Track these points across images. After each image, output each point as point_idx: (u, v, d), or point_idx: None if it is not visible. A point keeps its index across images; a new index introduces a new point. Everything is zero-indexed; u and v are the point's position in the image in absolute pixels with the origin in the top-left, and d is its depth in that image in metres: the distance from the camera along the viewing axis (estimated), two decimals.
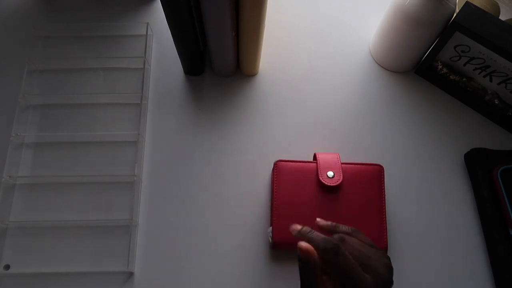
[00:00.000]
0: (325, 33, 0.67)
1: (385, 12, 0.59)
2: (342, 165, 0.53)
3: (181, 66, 0.62)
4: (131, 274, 0.51)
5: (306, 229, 0.40)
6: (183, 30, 0.52)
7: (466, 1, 0.53)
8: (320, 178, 0.51)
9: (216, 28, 0.51)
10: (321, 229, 0.42)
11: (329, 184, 0.51)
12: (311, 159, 0.56)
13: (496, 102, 0.58)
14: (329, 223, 0.43)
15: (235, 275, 0.51)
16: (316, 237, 0.39)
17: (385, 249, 0.50)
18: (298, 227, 0.41)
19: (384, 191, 0.52)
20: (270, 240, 0.50)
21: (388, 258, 0.40)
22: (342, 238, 0.39)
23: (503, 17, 0.59)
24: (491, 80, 0.56)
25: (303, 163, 0.53)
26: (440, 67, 0.60)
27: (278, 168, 0.52)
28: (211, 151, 0.58)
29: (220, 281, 0.51)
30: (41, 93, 0.61)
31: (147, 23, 0.63)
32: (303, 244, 0.38)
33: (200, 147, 0.58)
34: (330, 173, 0.51)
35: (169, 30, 0.53)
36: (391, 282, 0.38)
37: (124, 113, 0.60)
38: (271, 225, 0.50)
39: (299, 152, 0.57)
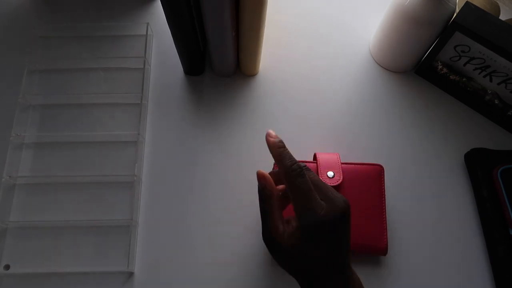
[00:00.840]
0: (325, 33, 0.67)
1: (385, 12, 0.59)
2: (342, 165, 0.53)
3: (181, 66, 0.62)
4: (131, 274, 0.51)
5: (281, 143, 0.40)
6: (183, 30, 0.52)
7: (466, 1, 0.53)
8: (320, 178, 0.51)
9: (216, 28, 0.51)
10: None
11: (329, 184, 0.51)
12: (311, 159, 0.56)
13: (496, 102, 0.58)
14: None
15: (236, 275, 0.51)
16: (287, 154, 0.39)
17: (385, 249, 0.50)
18: (273, 133, 0.40)
19: (384, 191, 0.52)
20: None
21: (347, 205, 0.38)
22: (307, 167, 0.39)
23: (503, 17, 0.59)
24: (491, 80, 0.56)
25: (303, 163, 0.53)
26: (440, 67, 0.60)
27: None
28: (211, 151, 0.58)
29: (220, 281, 0.51)
30: (41, 93, 0.61)
31: (147, 23, 0.63)
32: (260, 170, 0.40)
33: (200, 147, 0.58)
34: (330, 173, 0.51)
35: (169, 30, 0.53)
36: (343, 221, 0.37)
37: (124, 113, 0.60)
38: None
39: (299, 152, 0.57)
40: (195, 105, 0.61)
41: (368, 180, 0.52)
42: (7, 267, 0.51)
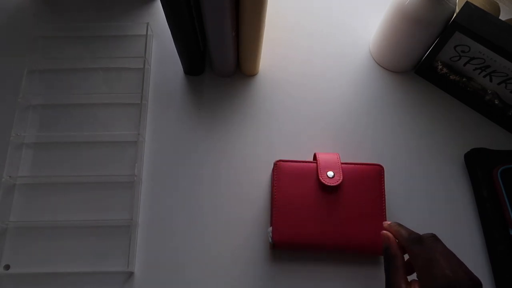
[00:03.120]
0: (325, 33, 0.67)
1: (385, 12, 0.59)
2: (342, 165, 0.53)
3: (181, 66, 0.62)
4: (131, 274, 0.51)
5: (395, 222, 0.43)
6: (183, 30, 0.52)
7: (466, 1, 0.53)
8: (320, 178, 0.51)
9: (216, 28, 0.51)
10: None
11: (329, 184, 0.51)
12: (311, 159, 0.56)
13: (496, 102, 0.58)
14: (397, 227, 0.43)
15: (235, 275, 0.51)
16: (403, 228, 0.41)
17: None
18: (387, 222, 0.44)
19: (384, 191, 0.52)
20: (270, 240, 0.50)
21: (477, 284, 0.36)
22: (435, 236, 0.39)
23: (503, 17, 0.59)
24: (491, 80, 0.56)
25: (303, 163, 0.53)
26: (440, 67, 0.60)
27: (278, 168, 0.52)
28: (211, 151, 0.58)
29: (220, 281, 0.51)
30: (41, 93, 0.61)
31: (147, 23, 0.63)
32: (384, 231, 0.42)
33: (200, 147, 0.58)
34: (330, 173, 0.51)
35: (169, 30, 0.53)
36: None
37: (124, 113, 0.60)
38: (271, 225, 0.50)
39: (299, 152, 0.57)
40: (195, 105, 0.61)
41: (368, 180, 0.52)
42: (7, 267, 0.51)
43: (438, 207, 0.55)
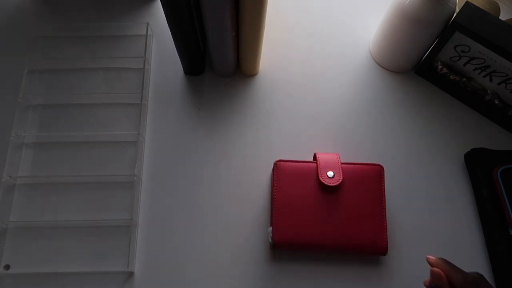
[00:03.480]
0: (325, 33, 0.67)
1: (385, 12, 0.59)
2: (342, 165, 0.53)
3: (181, 66, 0.62)
4: (131, 274, 0.51)
5: (442, 260, 0.42)
6: (183, 30, 0.52)
7: (466, 1, 0.53)
8: (320, 178, 0.51)
9: (216, 28, 0.51)
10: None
11: (329, 184, 0.51)
12: (311, 159, 0.56)
13: (496, 102, 0.58)
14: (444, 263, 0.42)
15: (235, 275, 0.51)
16: (456, 268, 0.40)
17: (385, 249, 0.50)
18: (431, 256, 0.43)
19: (384, 191, 0.52)
20: (270, 240, 0.50)
21: None
22: (482, 276, 0.39)
23: (503, 17, 0.59)
24: (491, 80, 0.56)
25: (303, 163, 0.53)
26: (440, 67, 0.60)
27: (278, 168, 0.52)
28: (211, 151, 0.58)
29: (220, 281, 0.51)
30: (41, 93, 0.61)
31: (147, 23, 0.63)
32: (435, 268, 0.41)
33: (200, 147, 0.58)
34: (330, 173, 0.51)
35: (169, 30, 0.53)
36: None
37: (124, 113, 0.60)
38: (271, 225, 0.50)
39: (299, 152, 0.58)
40: (195, 105, 0.61)
41: (368, 180, 0.52)
42: (7, 267, 0.51)
43: (438, 207, 0.55)
